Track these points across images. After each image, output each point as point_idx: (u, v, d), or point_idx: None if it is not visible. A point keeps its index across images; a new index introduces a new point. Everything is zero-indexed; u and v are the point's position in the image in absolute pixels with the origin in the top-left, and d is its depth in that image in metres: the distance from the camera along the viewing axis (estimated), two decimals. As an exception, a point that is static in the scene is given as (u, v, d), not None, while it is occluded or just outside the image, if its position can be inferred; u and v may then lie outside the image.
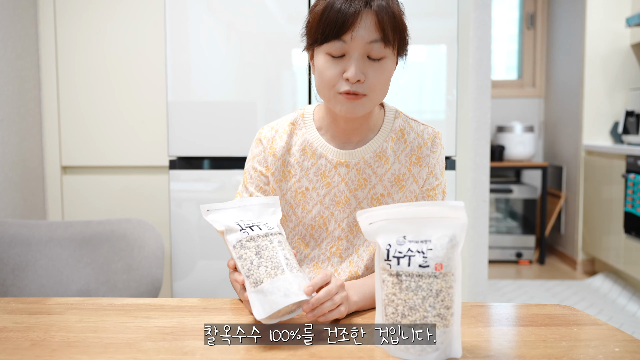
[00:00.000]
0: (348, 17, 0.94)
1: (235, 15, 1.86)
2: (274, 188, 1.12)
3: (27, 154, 2.17)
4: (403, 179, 1.09)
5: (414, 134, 1.10)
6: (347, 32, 0.95)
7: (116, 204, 2.23)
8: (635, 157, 3.06)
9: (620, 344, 0.80)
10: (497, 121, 4.37)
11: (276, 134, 1.12)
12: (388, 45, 0.97)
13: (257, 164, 1.13)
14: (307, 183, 1.10)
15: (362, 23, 0.95)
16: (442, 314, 0.74)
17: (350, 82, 0.97)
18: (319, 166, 1.10)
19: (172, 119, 1.87)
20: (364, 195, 1.10)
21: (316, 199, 1.10)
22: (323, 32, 0.96)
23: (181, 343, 0.80)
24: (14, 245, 1.60)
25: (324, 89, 1.01)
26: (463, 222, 0.75)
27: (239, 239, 0.86)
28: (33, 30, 2.20)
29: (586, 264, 3.79)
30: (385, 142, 1.09)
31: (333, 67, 0.98)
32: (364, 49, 0.96)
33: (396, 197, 1.10)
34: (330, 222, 1.11)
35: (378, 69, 0.98)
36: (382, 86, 1.01)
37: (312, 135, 1.11)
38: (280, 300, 0.78)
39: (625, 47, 3.65)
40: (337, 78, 0.98)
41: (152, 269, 1.58)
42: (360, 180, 1.09)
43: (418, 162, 1.09)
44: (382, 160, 1.09)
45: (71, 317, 0.92)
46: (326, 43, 0.97)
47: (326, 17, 0.96)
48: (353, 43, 0.95)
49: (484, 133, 2.17)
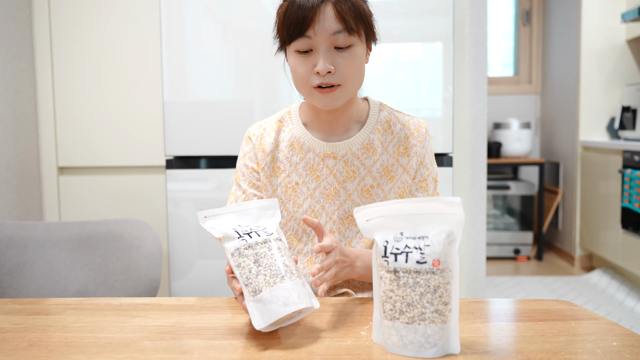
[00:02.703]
0: (308, 13, 0.97)
1: (232, 14, 1.86)
2: (265, 184, 1.14)
3: (23, 155, 2.16)
4: (392, 169, 1.12)
5: (400, 125, 1.13)
6: (309, 28, 0.98)
7: (113, 204, 2.23)
8: (631, 152, 3.07)
9: (618, 338, 0.80)
10: (494, 118, 4.37)
11: (264, 131, 1.15)
12: (352, 33, 1.00)
13: (249, 161, 1.15)
14: (296, 178, 1.12)
15: (322, 16, 0.98)
16: (440, 310, 0.74)
17: (321, 75, 1.00)
18: (307, 160, 1.12)
19: (168, 119, 1.86)
20: (353, 187, 1.12)
21: (306, 193, 1.12)
22: (288, 31, 1.00)
23: (179, 342, 0.80)
24: (11, 247, 1.60)
25: (300, 86, 1.05)
26: (460, 218, 0.75)
27: (237, 247, 0.84)
28: (28, 31, 2.20)
29: (584, 260, 3.80)
30: (372, 134, 1.12)
31: (303, 63, 1.01)
32: (329, 41, 0.99)
33: (386, 188, 1.12)
34: (322, 216, 1.12)
35: (347, 57, 1.01)
36: (355, 74, 1.03)
37: (299, 131, 1.13)
38: (280, 310, 0.77)
39: (621, 43, 3.65)
40: (309, 73, 1.01)
41: (149, 269, 1.58)
42: (349, 172, 1.11)
43: (406, 152, 1.12)
44: (370, 152, 1.11)
45: (69, 318, 0.92)
46: (293, 41, 1.00)
47: (289, 16, 0.99)
48: (317, 37, 0.99)
49: (480, 130, 2.17)
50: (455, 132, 2.10)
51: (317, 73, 1.00)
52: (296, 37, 0.99)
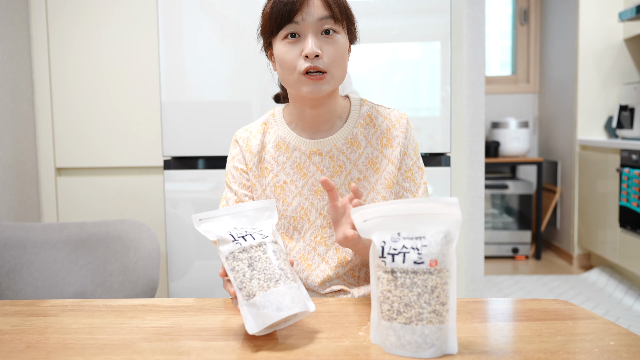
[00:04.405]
0: (295, 2, 1.02)
1: (229, 14, 1.86)
2: (254, 183, 1.16)
3: (21, 156, 2.16)
4: (377, 161, 1.14)
5: (381, 118, 1.16)
6: (297, 14, 1.02)
7: (111, 205, 2.23)
8: (629, 151, 3.07)
9: (615, 337, 0.80)
10: (492, 117, 4.38)
11: (250, 134, 1.18)
12: (338, 22, 1.05)
13: (237, 162, 1.18)
14: (284, 177, 1.15)
15: (310, 3, 1.03)
16: (437, 310, 0.74)
17: (309, 58, 1.02)
18: (294, 159, 1.14)
19: (166, 119, 1.86)
20: (340, 181, 1.14)
21: (295, 191, 1.14)
22: (276, 20, 1.04)
23: (177, 343, 0.80)
24: (9, 248, 1.60)
25: (287, 74, 1.06)
26: (457, 218, 0.76)
27: (231, 251, 0.83)
28: (25, 31, 2.19)
29: (582, 259, 3.81)
30: (355, 129, 1.15)
31: (291, 50, 1.04)
32: (316, 26, 1.03)
33: (372, 180, 1.14)
34: (311, 212, 1.14)
35: (332, 43, 1.05)
36: (340, 62, 1.06)
37: (284, 131, 1.16)
38: (273, 315, 0.77)
39: (618, 42, 3.66)
40: (297, 58, 1.04)
41: (148, 269, 1.58)
42: (335, 167, 1.14)
43: (389, 143, 1.14)
44: (354, 146, 1.14)
45: (66, 319, 0.92)
46: (281, 29, 1.04)
47: (276, 7, 1.03)
48: (305, 23, 1.03)
49: (478, 129, 2.17)
50: (453, 131, 2.10)
51: (306, 57, 1.03)
52: (284, 25, 1.03)
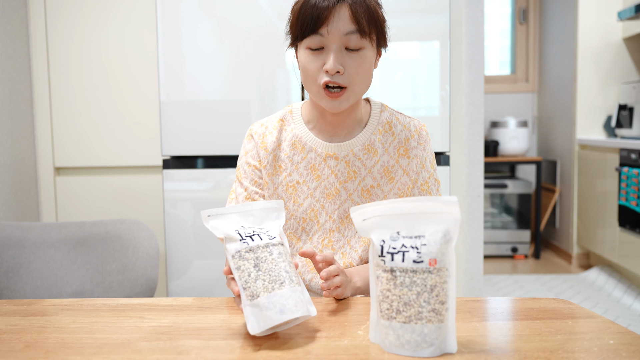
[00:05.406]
0: (323, 11, 0.98)
1: (228, 14, 1.85)
2: (267, 181, 1.14)
3: (19, 155, 2.15)
4: (392, 170, 1.13)
5: (400, 127, 1.14)
6: (323, 26, 0.99)
7: (110, 204, 2.23)
8: (628, 150, 3.07)
9: (614, 336, 0.80)
10: (491, 116, 4.38)
11: (266, 130, 1.15)
12: (365, 36, 1.01)
13: (251, 158, 1.15)
14: (297, 177, 1.13)
15: (337, 16, 0.99)
16: (436, 309, 0.74)
17: (329, 73, 1.00)
18: (308, 160, 1.12)
19: (165, 119, 1.86)
20: (354, 187, 1.12)
21: (307, 192, 1.13)
22: (301, 27, 1.01)
23: (176, 343, 0.80)
24: (7, 248, 1.59)
25: (308, 83, 1.05)
26: (456, 217, 0.75)
27: (237, 250, 0.82)
28: (24, 31, 2.19)
29: (581, 258, 3.81)
30: (373, 135, 1.13)
31: (314, 61, 1.02)
32: (341, 40, 1.00)
33: (386, 189, 1.13)
34: (321, 215, 1.13)
35: (357, 59, 1.02)
36: (363, 77, 1.04)
37: (301, 130, 1.14)
38: (276, 317, 0.77)
39: (617, 41, 3.66)
40: (319, 71, 1.02)
41: (147, 269, 1.58)
42: (350, 173, 1.12)
43: (406, 154, 1.13)
44: (371, 153, 1.12)
45: (65, 318, 0.91)
46: (306, 38, 1.01)
47: (303, 13, 1.00)
48: (330, 36, 0.99)
49: (477, 128, 2.17)
50: (452, 130, 2.10)
51: (326, 71, 1.01)
52: (309, 34, 1.00)
